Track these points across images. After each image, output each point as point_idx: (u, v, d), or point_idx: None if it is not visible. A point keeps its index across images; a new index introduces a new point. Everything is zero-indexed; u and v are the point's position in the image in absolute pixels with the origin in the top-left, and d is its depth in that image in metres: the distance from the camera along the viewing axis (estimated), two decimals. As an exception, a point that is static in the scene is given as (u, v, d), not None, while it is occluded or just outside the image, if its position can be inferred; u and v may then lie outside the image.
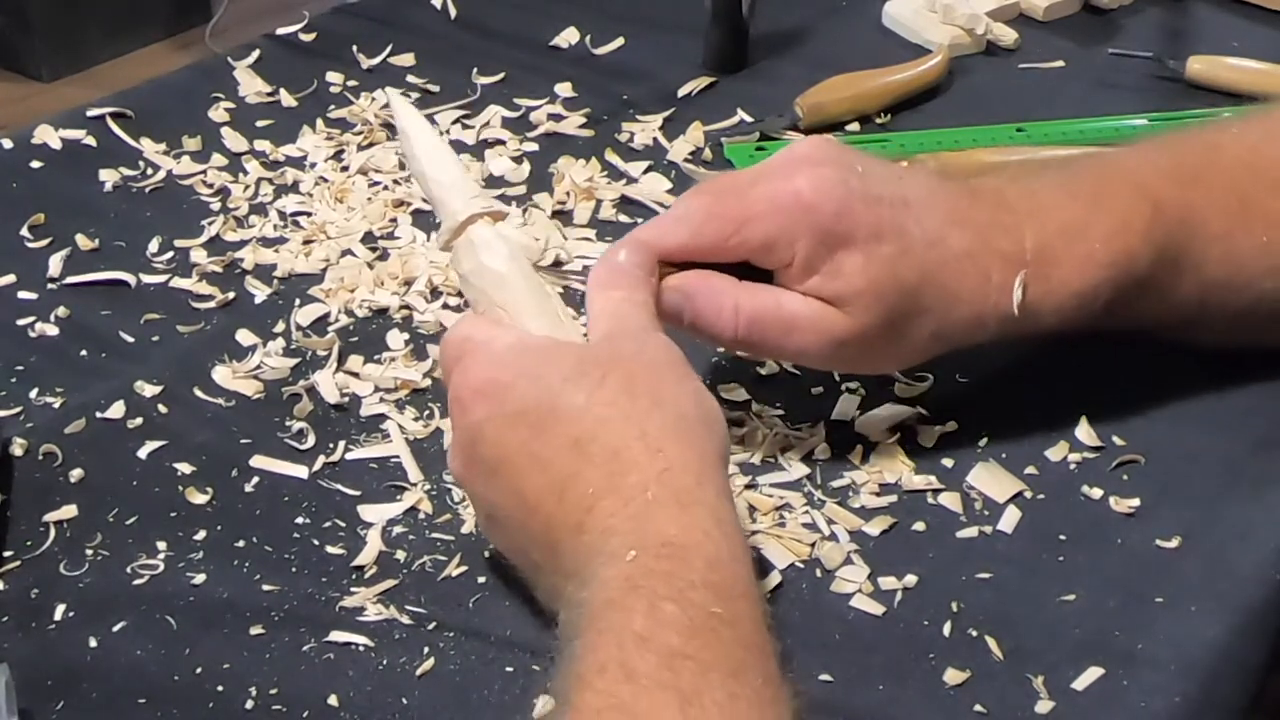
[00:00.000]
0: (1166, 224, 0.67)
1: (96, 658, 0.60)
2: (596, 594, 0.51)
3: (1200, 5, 1.14)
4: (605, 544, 0.53)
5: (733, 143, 0.94)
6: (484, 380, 0.58)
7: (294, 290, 0.81)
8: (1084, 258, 0.66)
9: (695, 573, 0.51)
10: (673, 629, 0.49)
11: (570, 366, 0.57)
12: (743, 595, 0.52)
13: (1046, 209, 0.67)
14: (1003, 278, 0.65)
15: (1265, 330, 0.72)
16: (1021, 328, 0.67)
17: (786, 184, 0.65)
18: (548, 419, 0.56)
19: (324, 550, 0.65)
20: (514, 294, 0.62)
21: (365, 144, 0.94)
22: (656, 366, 0.58)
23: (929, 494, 0.67)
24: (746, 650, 0.50)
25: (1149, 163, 0.70)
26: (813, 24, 1.10)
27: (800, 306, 0.64)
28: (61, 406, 0.73)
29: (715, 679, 0.48)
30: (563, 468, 0.55)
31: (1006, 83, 1.03)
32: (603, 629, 0.50)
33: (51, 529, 0.66)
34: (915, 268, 0.64)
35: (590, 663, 0.49)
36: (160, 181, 0.91)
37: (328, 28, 1.08)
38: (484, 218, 0.64)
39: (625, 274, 0.63)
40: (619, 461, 0.54)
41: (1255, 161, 0.71)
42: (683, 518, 0.53)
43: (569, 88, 1.00)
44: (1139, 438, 0.70)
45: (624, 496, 0.54)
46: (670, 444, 0.55)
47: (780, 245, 0.64)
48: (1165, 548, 0.64)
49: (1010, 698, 0.57)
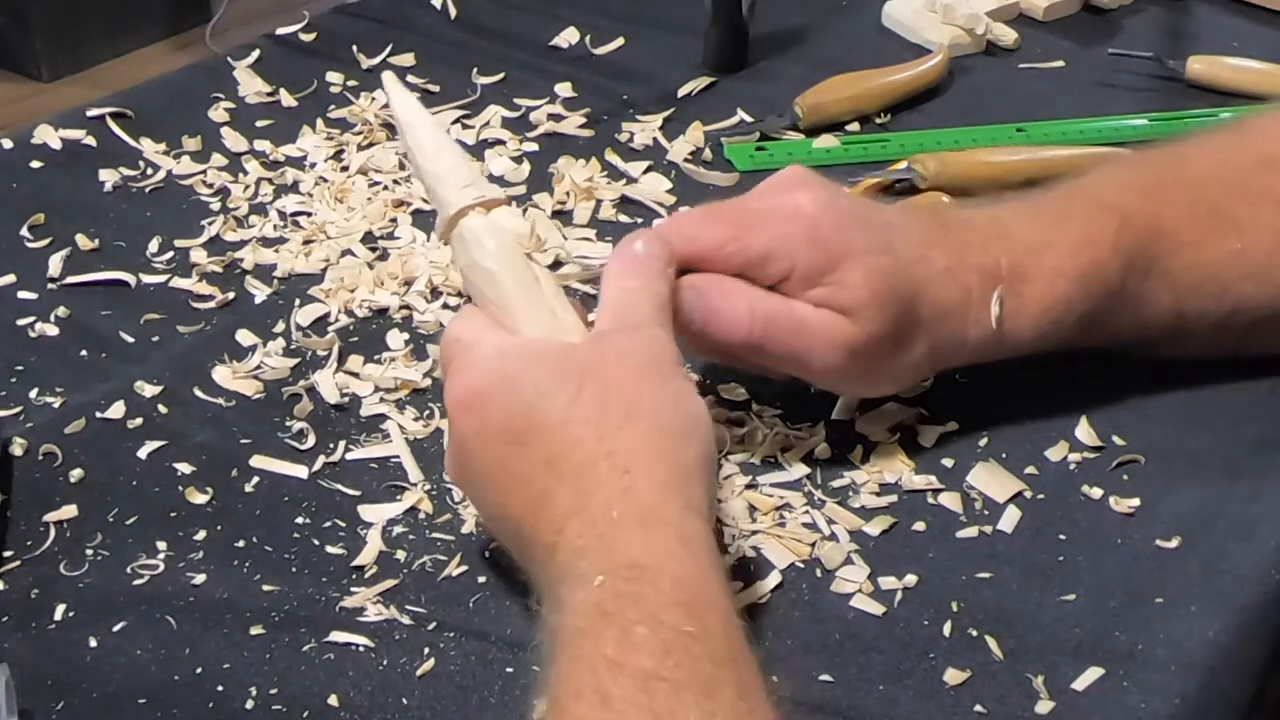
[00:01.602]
0: (1135, 234, 0.68)
1: (96, 658, 0.60)
2: (568, 620, 0.52)
3: (1200, 5, 1.14)
4: (575, 566, 0.53)
5: (733, 143, 0.94)
6: (467, 390, 0.59)
7: (294, 290, 0.81)
8: (1053, 272, 0.67)
9: (664, 594, 0.51)
10: (645, 651, 0.49)
11: (547, 377, 0.57)
12: (712, 609, 0.52)
13: (1012, 232, 0.68)
14: (981, 293, 0.66)
15: (1248, 340, 0.72)
16: (1001, 346, 0.67)
17: (786, 198, 0.65)
18: (524, 435, 0.57)
19: (324, 550, 0.65)
20: (503, 292, 0.61)
21: (365, 144, 0.94)
22: (639, 370, 0.58)
23: (929, 494, 0.67)
24: (720, 666, 0.50)
25: (1113, 180, 0.71)
26: (813, 24, 1.10)
27: (811, 313, 0.64)
28: (61, 406, 0.73)
29: (689, 699, 0.48)
30: (537, 486, 0.56)
31: (1006, 83, 1.03)
32: (576, 656, 0.50)
33: (51, 529, 0.65)
34: (908, 280, 0.65)
35: (565, 690, 0.49)
36: (160, 181, 0.91)
37: (328, 28, 1.08)
38: (476, 209, 0.63)
39: (643, 264, 0.63)
40: (586, 481, 0.55)
41: (1224, 173, 0.71)
42: (646, 538, 0.53)
43: (569, 88, 1.00)
44: (1139, 438, 0.70)
45: (590, 517, 0.54)
46: (639, 460, 0.55)
47: (778, 256, 0.64)
48: (1165, 548, 0.64)
49: (1010, 698, 0.57)
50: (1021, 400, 0.71)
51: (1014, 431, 0.70)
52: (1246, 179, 0.71)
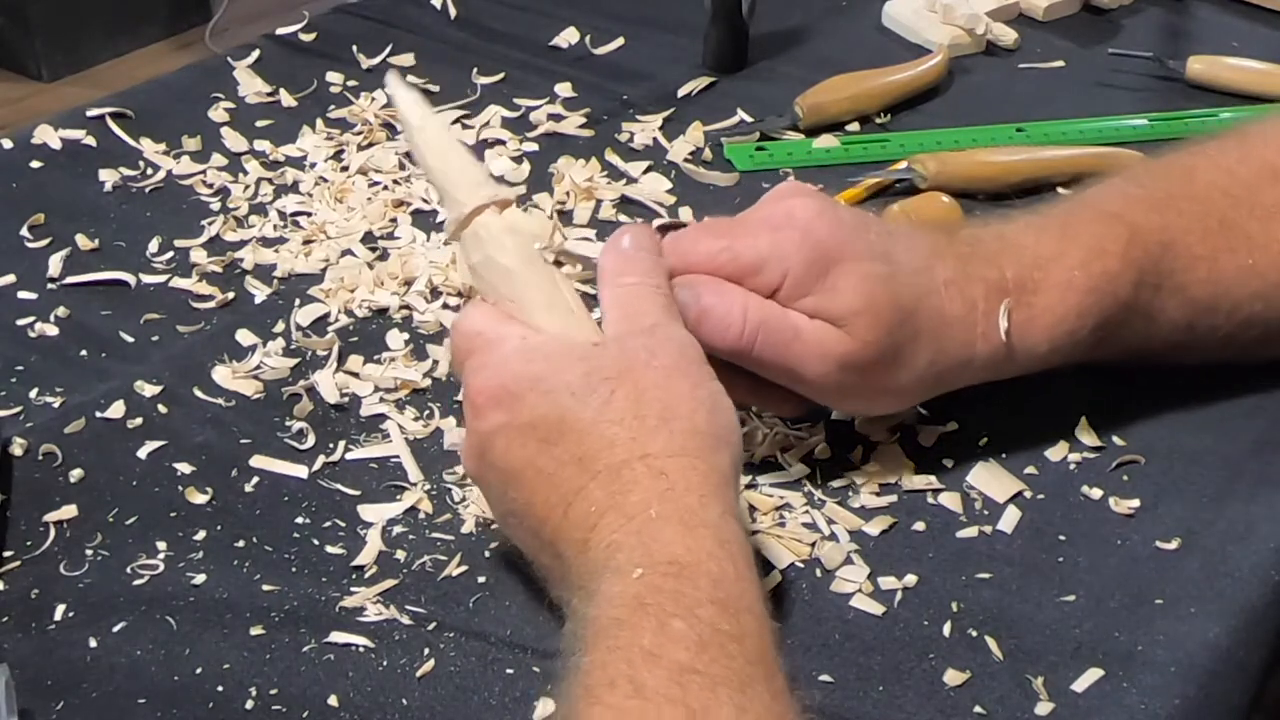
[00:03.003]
0: (1145, 246, 0.67)
1: (96, 658, 0.60)
2: (604, 610, 0.51)
3: (1200, 5, 1.14)
4: (610, 559, 0.53)
5: (733, 143, 0.94)
6: (496, 387, 0.58)
7: (294, 290, 0.81)
8: (1064, 285, 0.66)
9: (702, 591, 0.51)
10: (681, 645, 0.49)
11: (579, 378, 0.57)
12: (749, 611, 0.52)
13: (1020, 245, 0.67)
14: (988, 305, 0.65)
15: (1255, 350, 0.71)
16: (1012, 361, 0.66)
17: (779, 206, 0.65)
18: (555, 434, 0.56)
19: (324, 550, 0.65)
20: (523, 290, 0.61)
21: (365, 144, 0.94)
22: (669, 373, 0.57)
23: (929, 494, 0.67)
24: (754, 666, 0.50)
25: (1119, 193, 0.70)
26: (813, 24, 1.10)
27: (805, 321, 0.63)
28: (61, 406, 0.73)
29: (723, 694, 0.48)
30: (568, 483, 0.56)
31: (1006, 83, 1.03)
32: (612, 646, 0.50)
33: (51, 529, 0.65)
34: (908, 290, 0.64)
35: (599, 678, 0.49)
36: (160, 181, 0.91)
37: (328, 28, 1.08)
38: (490, 208, 0.63)
39: (635, 259, 0.62)
40: (621, 481, 0.55)
41: (1231, 185, 0.70)
42: (687, 538, 0.53)
43: (569, 88, 1.00)
44: (1139, 438, 0.70)
45: (627, 513, 0.54)
46: (675, 464, 0.55)
47: (771, 264, 0.63)
48: (1165, 548, 0.64)
49: (1010, 699, 0.57)
50: (1021, 400, 0.71)
51: (1014, 431, 0.70)
52: (1255, 193, 0.70)
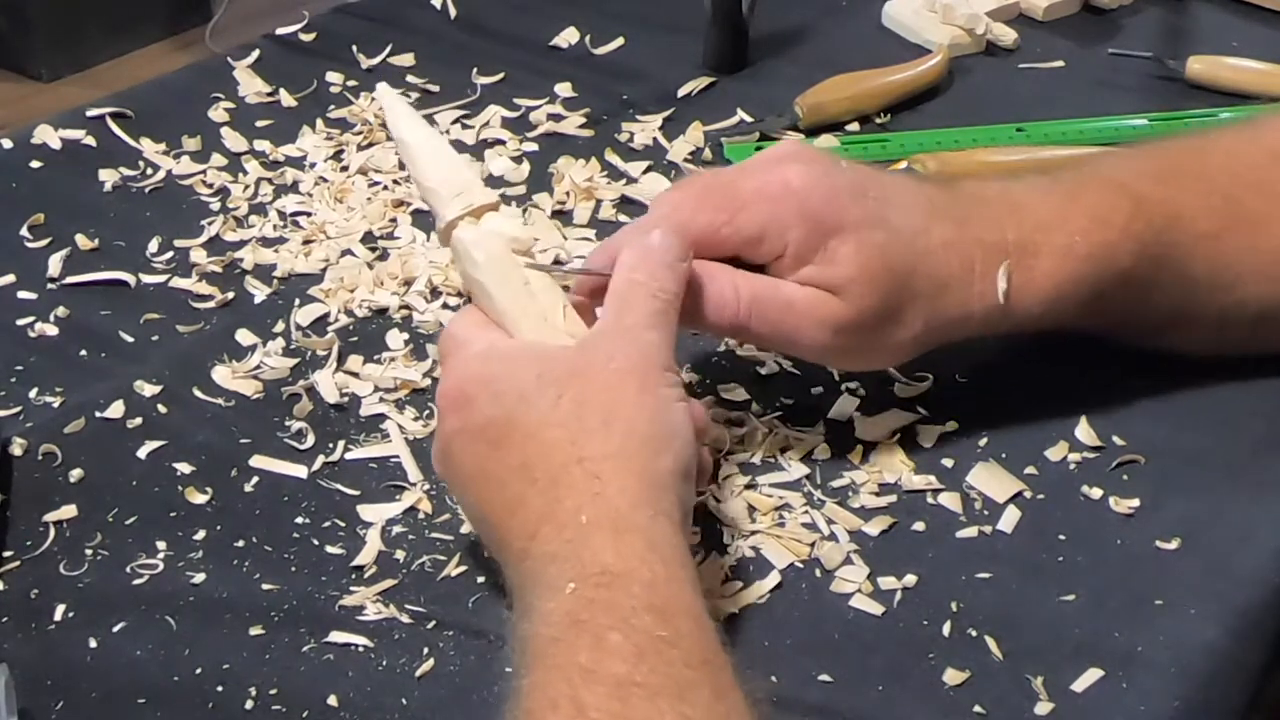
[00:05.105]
0: (1149, 218, 0.68)
1: (96, 658, 0.60)
2: (540, 629, 0.51)
3: (1200, 5, 1.14)
4: (544, 572, 0.53)
5: (733, 143, 0.94)
6: (454, 390, 0.59)
7: (294, 290, 0.81)
8: (1064, 250, 0.66)
9: (635, 598, 0.51)
10: (618, 658, 0.49)
11: (531, 381, 0.57)
12: (685, 613, 0.52)
13: (1023, 206, 0.67)
14: (986, 267, 0.66)
15: (1253, 335, 0.71)
16: (1008, 319, 0.67)
17: (775, 175, 0.65)
18: (503, 437, 0.57)
19: (324, 550, 0.65)
20: (496, 299, 0.62)
21: (365, 144, 0.94)
22: (622, 375, 0.57)
23: (929, 494, 0.67)
24: (693, 669, 0.50)
25: (1127, 165, 0.71)
26: (813, 24, 1.10)
27: (797, 291, 0.64)
28: (61, 406, 0.73)
29: (664, 704, 0.48)
30: (512, 489, 0.56)
31: (1006, 83, 1.03)
32: (549, 665, 0.50)
33: (51, 529, 0.66)
34: (904, 254, 0.65)
35: (540, 700, 0.49)
36: (160, 181, 0.91)
37: (328, 28, 1.08)
38: (466, 219, 0.63)
39: (653, 256, 0.62)
40: (558, 487, 0.55)
41: (1238, 166, 0.71)
42: (617, 544, 0.53)
43: (569, 88, 1.00)
44: (1139, 438, 0.70)
45: (560, 522, 0.54)
46: (610, 466, 0.55)
47: (771, 235, 0.64)
48: (1165, 549, 0.64)
49: (1009, 698, 0.57)
50: (1021, 400, 0.71)
51: (1014, 431, 0.70)
52: (1261, 174, 0.70)
